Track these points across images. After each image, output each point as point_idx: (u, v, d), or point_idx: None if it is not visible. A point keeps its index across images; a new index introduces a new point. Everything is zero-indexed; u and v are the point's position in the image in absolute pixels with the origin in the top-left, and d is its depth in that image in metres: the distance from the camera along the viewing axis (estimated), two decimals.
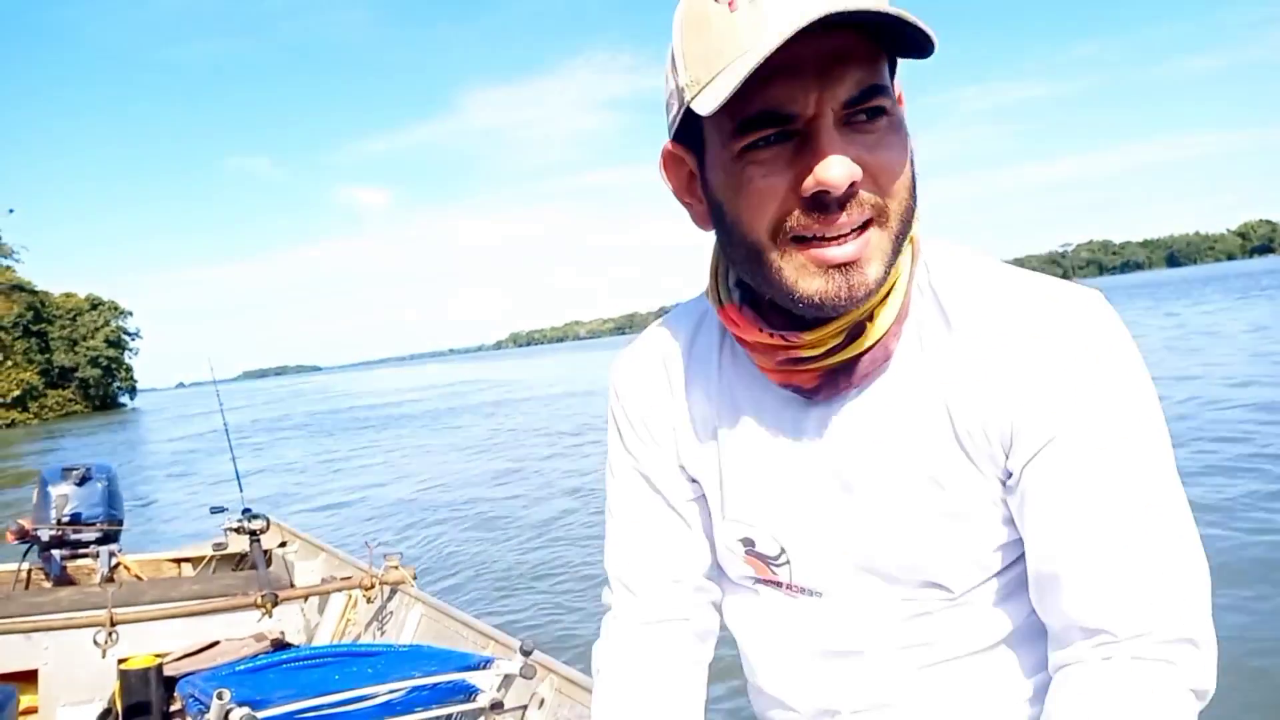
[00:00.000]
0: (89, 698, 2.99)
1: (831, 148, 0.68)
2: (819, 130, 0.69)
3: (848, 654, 0.86)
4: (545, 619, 5.28)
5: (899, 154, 0.71)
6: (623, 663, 0.95)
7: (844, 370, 0.79)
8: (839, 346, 0.77)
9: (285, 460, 17.38)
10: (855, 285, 0.72)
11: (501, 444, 14.65)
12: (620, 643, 0.96)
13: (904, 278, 0.79)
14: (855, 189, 0.70)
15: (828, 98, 0.68)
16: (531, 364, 67.27)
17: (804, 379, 0.80)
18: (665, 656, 0.94)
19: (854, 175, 0.68)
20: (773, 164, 0.71)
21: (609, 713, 0.93)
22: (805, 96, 0.68)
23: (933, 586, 0.82)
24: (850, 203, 0.70)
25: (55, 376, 69.14)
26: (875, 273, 0.72)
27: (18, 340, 64.72)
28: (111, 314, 75.05)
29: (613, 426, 0.98)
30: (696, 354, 0.92)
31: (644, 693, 0.93)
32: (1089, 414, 0.72)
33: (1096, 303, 0.76)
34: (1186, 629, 0.71)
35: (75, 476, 3.92)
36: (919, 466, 0.79)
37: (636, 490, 0.96)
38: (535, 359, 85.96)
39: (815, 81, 0.68)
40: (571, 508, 8.38)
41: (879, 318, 0.77)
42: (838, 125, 0.69)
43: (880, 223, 0.72)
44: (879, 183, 0.71)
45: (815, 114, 0.68)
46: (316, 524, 8.99)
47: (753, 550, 0.89)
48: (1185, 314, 26.77)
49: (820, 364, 0.78)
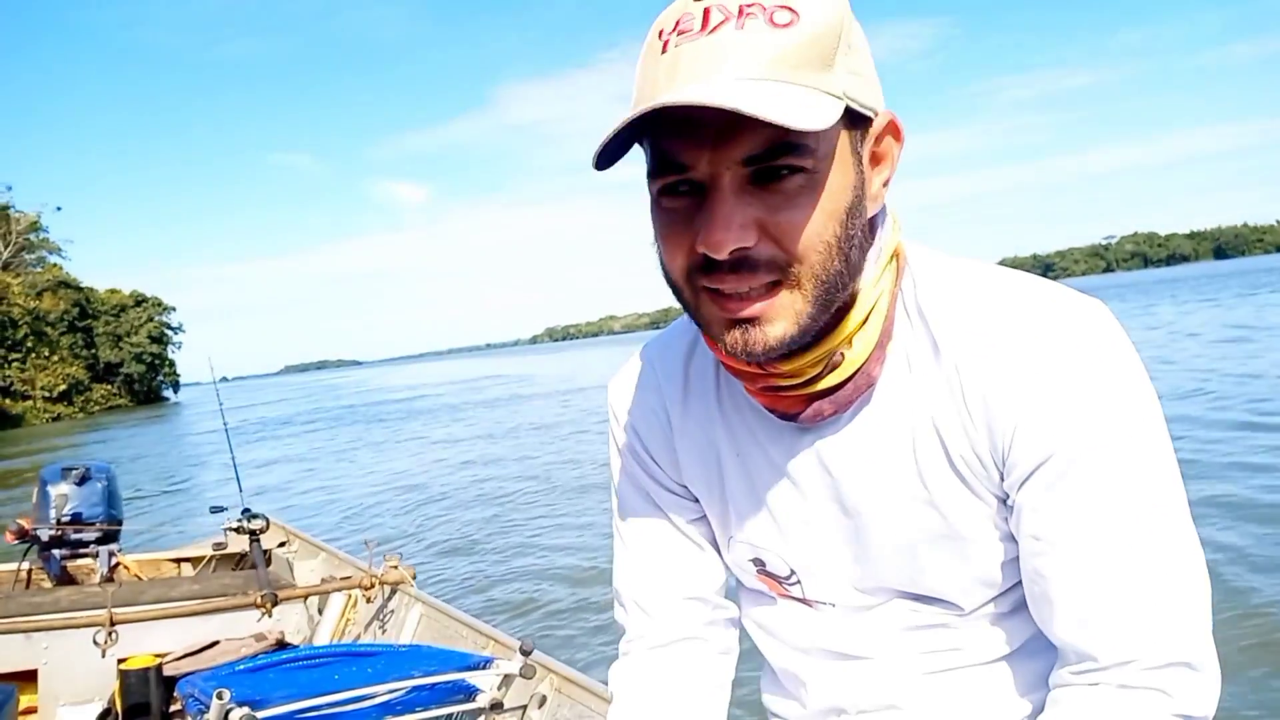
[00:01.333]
0: (89, 698, 2.99)
1: (721, 211, 0.67)
2: (712, 190, 0.67)
3: (856, 658, 0.86)
4: (546, 619, 5.27)
5: (808, 214, 0.67)
6: (641, 686, 0.94)
7: (827, 397, 0.77)
8: (818, 376, 0.76)
9: (289, 454, 17.52)
10: (753, 342, 0.70)
11: (503, 440, 14.66)
12: (638, 665, 0.95)
13: (883, 302, 0.77)
14: (746, 253, 0.67)
15: (722, 158, 0.66)
16: (561, 359, 67.77)
17: (787, 404, 0.79)
18: (684, 678, 0.93)
19: (740, 242, 0.66)
20: (678, 215, 0.70)
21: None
22: (700, 153, 0.67)
23: (940, 603, 0.82)
24: (744, 266, 0.68)
25: (101, 371, 69.91)
26: (780, 331, 0.70)
27: (63, 336, 65.45)
28: (155, 310, 75.87)
29: (613, 447, 0.97)
30: (694, 375, 0.91)
31: (660, 717, 0.92)
32: (1082, 432, 0.70)
33: (1094, 313, 0.73)
34: (1180, 653, 0.70)
35: (75, 476, 3.92)
36: (913, 490, 0.78)
37: (641, 510, 0.95)
38: (567, 354, 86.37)
39: (711, 140, 0.66)
40: (574, 507, 8.38)
41: (856, 345, 0.75)
42: (740, 184, 0.67)
43: (789, 284, 0.69)
44: (783, 245, 0.68)
45: (711, 173, 0.67)
46: (317, 514, 9.00)
47: (764, 570, 0.89)
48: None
49: (800, 391, 0.77)
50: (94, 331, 69.36)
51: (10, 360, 59.32)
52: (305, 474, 14.23)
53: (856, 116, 0.69)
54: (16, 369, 59.62)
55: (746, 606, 0.96)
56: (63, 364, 63.92)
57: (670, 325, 0.97)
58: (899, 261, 0.79)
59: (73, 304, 66.66)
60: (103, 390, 69.03)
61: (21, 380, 59.76)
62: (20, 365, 60.02)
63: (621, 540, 0.97)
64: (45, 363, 62.30)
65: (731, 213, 0.66)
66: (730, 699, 0.97)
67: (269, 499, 11.05)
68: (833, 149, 0.68)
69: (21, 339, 60.13)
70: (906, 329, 0.78)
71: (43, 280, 66.83)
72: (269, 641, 3.10)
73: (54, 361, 63.15)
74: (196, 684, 1.97)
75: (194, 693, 1.95)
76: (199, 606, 3.09)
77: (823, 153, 0.67)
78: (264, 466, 15.82)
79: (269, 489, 12.18)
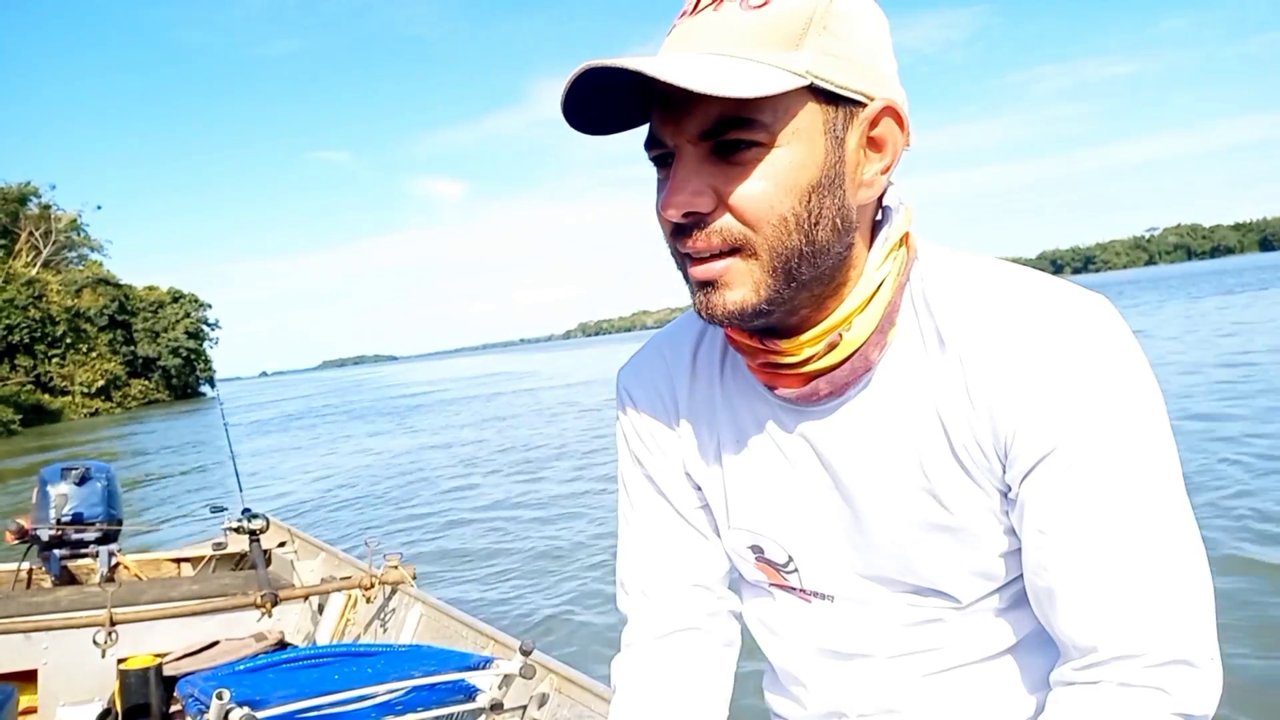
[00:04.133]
0: (89, 698, 2.99)
1: (677, 178, 0.72)
2: (675, 160, 0.73)
3: (856, 656, 0.86)
4: (546, 619, 5.27)
5: (762, 186, 0.70)
6: (642, 679, 0.94)
7: (824, 377, 0.78)
8: (816, 355, 0.77)
9: (281, 446, 17.61)
10: (714, 305, 0.74)
11: (504, 439, 14.67)
12: (639, 657, 0.95)
13: (886, 288, 0.78)
14: (701, 218, 0.72)
15: (682, 130, 0.71)
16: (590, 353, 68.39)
17: (785, 383, 0.81)
18: (685, 670, 0.94)
19: (691, 206, 0.71)
20: (660, 184, 0.76)
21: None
22: (663, 127, 0.73)
23: (939, 595, 0.82)
24: (699, 230, 0.73)
25: (139, 367, 70.51)
26: (739, 298, 0.73)
27: (102, 332, 66.03)
28: (192, 306, 76.48)
29: (621, 433, 0.98)
30: (700, 362, 0.92)
31: (662, 712, 0.92)
32: (1084, 427, 0.70)
33: (1098, 309, 0.73)
34: (1181, 650, 0.70)
35: (75, 476, 3.92)
36: (912, 479, 0.78)
37: (646, 496, 0.96)
38: (599, 348, 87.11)
39: (672, 114, 0.72)
40: (574, 507, 8.38)
41: (856, 326, 0.77)
42: (702, 155, 0.71)
43: (745, 253, 0.72)
44: (736, 214, 0.71)
45: (675, 144, 0.73)
46: (316, 510, 9.01)
47: (762, 557, 0.90)
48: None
49: (797, 370, 0.79)
50: (132, 328, 69.89)
51: (50, 356, 59.79)
52: (299, 467, 14.28)
53: (835, 97, 0.71)
54: (56, 365, 60.09)
55: (747, 603, 0.97)
56: (101, 360, 64.37)
57: (681, 315, 0.98)
58: (909, 251, 0.80)
59: (111, 300, 67.14)
60: (140, 385, 69.44)
61: (61, 376, 60.21)
62: (60, 361, 60.48)
63: (626, 525, 0.98)
64: (84, 359, 62.77)
65: (686, 179, 0.72)
66: (731, 698, 0.97)
67: (262, 489, 11.06)
68: (796, 125, 0.70)
69: (61, 335, 60.58)
70: (912, 318, 0.79)
71: (82, 277, 67.37)
72: (269, 641, 3.10)
73: (92, 358, 63.63)
74: (196, 684, 1.96)
75: (194, 693, 1.95)
76: (199, 606, 3.09)
77: (780, 128, 0.70)
78: (258, 456, 15.83)
79: (261, 473, 12.15)
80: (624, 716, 0.93)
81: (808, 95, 0.70)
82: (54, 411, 56.14)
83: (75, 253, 72.98)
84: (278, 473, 14.38)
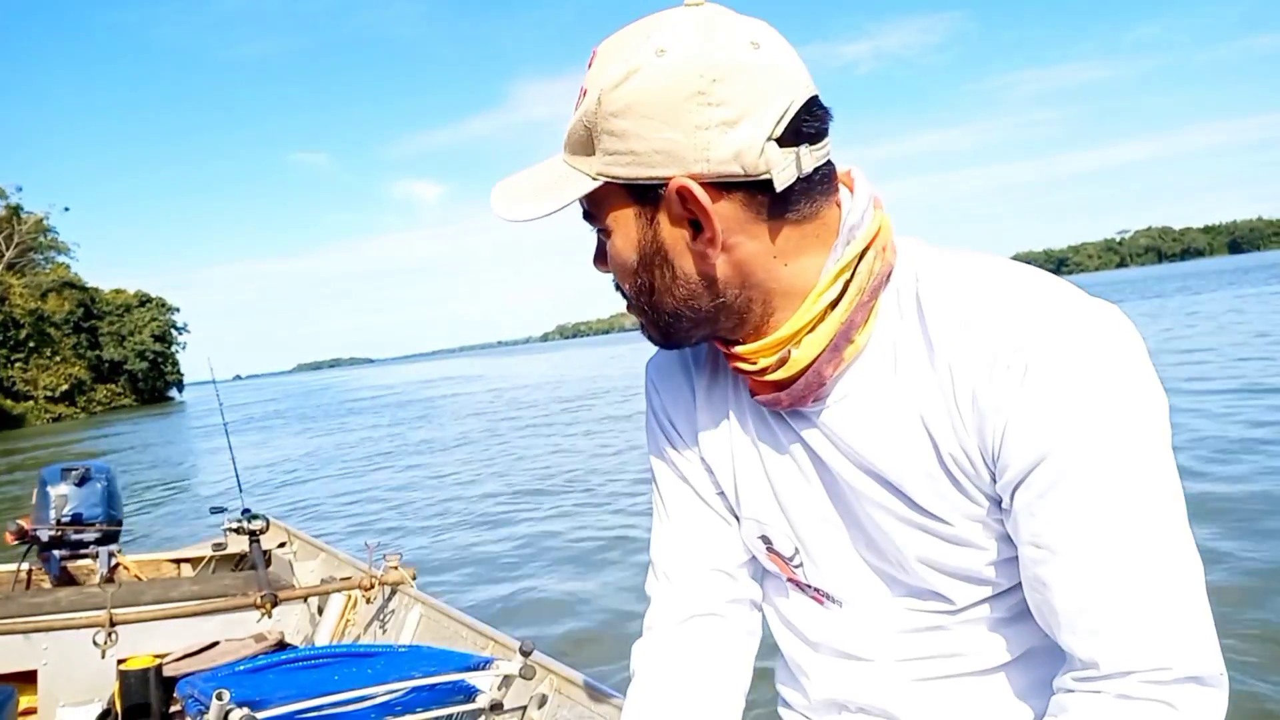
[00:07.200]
0: (88, 698, 2.98)
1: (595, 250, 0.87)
2: None
3: (857, 658, 0.88)
4: (546, 619, 5.27)
5: (616, 263, 0.83)
6: (660, 663, 0.96)
7: (785, 390, 0.81)
8: (771, 366, 0.80)
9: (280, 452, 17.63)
10: (646, 333, 0.88)
11: (507, 437, 14.67)
12: (658, 642, 0.97)
13: (841, 309, 0.78)
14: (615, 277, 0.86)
15: None
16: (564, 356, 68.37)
17: (755, 389, 0.85)
18: (703, 655, 0.95)
19: (598, 270, 0.87)
20: None
21: (639, 714, 0.94)
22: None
23: (936, 597, 0.83)
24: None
25: (105, 371, 70.11)
26: (651, 334, 0.87)
27: (67, 336, 65.65)
28: (159, 310, 76.19)
29: (650, 418, 1.02)
30: (720, 356, 0.94)
31: (677, 698, 0.94)
32: (1076, 436, 0.69)
33: (1099, 316, 0.72)
34: (1186, 665, 0.69)
35: (74, 476, 3.92)
36: (898, 482, 0.79)
37: (671, 481, 0.99)
38: (573, 350, 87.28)
39: None
40: (575, 506, 8.38)
41: (803, 347, 0.79)
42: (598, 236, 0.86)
43: (633, 306, 0.86)
44: (616, 276, 0.85)
45: None
46: (315, 505, 9.01)
47: (771, 548, 0.93)
48: None
49: (756, 379, 0.83)
50: (99, 331, 69.64)
51: (13, 361, 59.46)
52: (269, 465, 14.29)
53: (636, 188, 0.77)
54: (19, 369, 59.77)
55: (767, 596, 1.00)
56: (65, 364, 64.13)
57: None
58: (883, 262, 0.80)
59: (78, 304, 66.91)
60: (106, 390, 69.16)
61: (24, 381, 59.89)
62: (23, 365, 60.15)
63: (656, 509, 1.02)
64: (48, 363, 62.48)
65: (596, 253, 0.86)
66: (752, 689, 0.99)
67: (254, 484, 11.07)
68: (615, 216, 0.80)
69: (24, 339, 60.26)
70: (898, 324, 0.79)
71: (48, 280, 66.99)
72: (269, 642, 3.09)
73: (56, 361, 63.37)
74: (196, 685, 1.96)
75: (194, 693, 1.94)
76: (199, 607, 3.09)
77: (606, 219, 0.81)
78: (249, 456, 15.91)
79: (262, 482, 12.23)
80: (639, 703, 0.95)
81: (621, 190, 0.78)
82: (16, 417, 55.92)
83: (42, 255, 72.42)
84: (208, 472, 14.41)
